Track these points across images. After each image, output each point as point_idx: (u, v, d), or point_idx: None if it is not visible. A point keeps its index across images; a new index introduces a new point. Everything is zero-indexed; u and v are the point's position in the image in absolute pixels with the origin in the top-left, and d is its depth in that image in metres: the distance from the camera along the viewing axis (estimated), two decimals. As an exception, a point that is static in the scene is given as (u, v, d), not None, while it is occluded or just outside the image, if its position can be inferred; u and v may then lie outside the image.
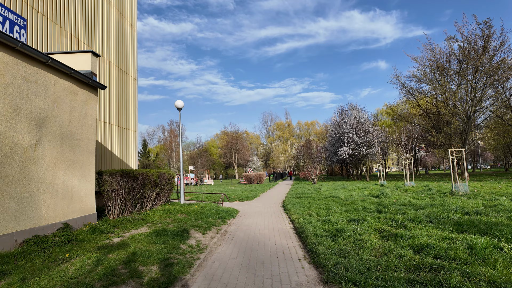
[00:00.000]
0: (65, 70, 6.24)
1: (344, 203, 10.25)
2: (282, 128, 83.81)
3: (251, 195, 16.39)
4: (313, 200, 11.65)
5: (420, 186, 16.71)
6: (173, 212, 9.63)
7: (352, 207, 9.12)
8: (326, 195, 13.27)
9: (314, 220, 7.33)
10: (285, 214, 9.62)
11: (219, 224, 8.08)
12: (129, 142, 14.77)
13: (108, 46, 12.94)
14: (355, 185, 21.06)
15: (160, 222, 7.90)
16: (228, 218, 9.08)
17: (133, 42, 15.92)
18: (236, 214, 10.01)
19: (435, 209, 7.66)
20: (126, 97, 14.69)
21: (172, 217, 8.81)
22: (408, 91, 31.78)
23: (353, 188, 17.19)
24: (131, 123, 15.11)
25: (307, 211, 9.12)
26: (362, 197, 11.98)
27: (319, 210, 8.98)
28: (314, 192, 15.03)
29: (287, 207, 10.54)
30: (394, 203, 9.62)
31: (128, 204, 8.88)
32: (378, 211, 7.86)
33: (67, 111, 6.42)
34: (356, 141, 29.52)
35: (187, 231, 6.77)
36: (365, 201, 10.61)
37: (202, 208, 10.40)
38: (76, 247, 5.21)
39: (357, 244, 4.85)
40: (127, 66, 14.94)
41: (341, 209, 8.84)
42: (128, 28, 15.28)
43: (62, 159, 6.19)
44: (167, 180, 11.31)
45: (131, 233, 6.53)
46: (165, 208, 10.45)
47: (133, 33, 16.02)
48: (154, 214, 9.18)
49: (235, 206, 12.17)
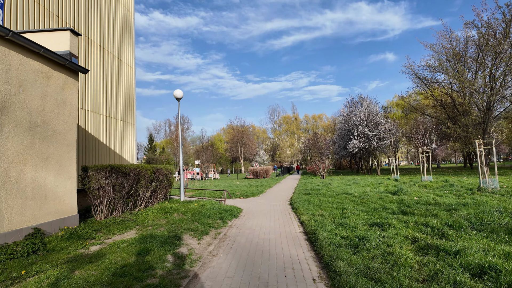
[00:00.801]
0: (33, 47, 5.26)
1: (360, 202, 9.17)
2: (289, 122, 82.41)
3: (256, 191, 15.42)
4: (324, 198, 10.59)
5: (439, 181, 15.48)
6: (169, 211, 8.71)
7: (370, 207, 8.04)
8: (338, 192, 12.19)
9: (327, 222, 6.29)
10: (293, 214, 8.60)
11: (219, 226, 7.11)
12: (126, 136, 13.89)
13: (101, 32, 11.96)
14: (367, 180, 19.90)
15: (152, 224, 6.97)
16: (230, 218, 8.11)
17: (130, 29, 14.92)
18: (239, 213, 9.04)
19: (470, 210, 6.53)
20: (123, 87, 13.76)
21: (167, 217, 7.89)
22: (422, 81, 30.21)
23: (365, 184, 16.05)
24: (128, 115, 14.20)
25: (318, 210, 8.09)
26: (378, 194, 10.87)
27: (332, 210, 7.93)
28: (324, 188, 13.95)
29: (295, 205, 9.52)
30: (417, 201, 8.51)
31: (119, 203, 7.98)
32: (403, 212, 6.75)
33: (37, 96, 5.46)
34: (366, 133, 28.18)
35: (180, 236, 5.81)
36: (383, 199, 9.51)
37: (201, 207, 9.46)
38: (41, 260, 4.29)
39: (388, 259, 3.81)
40: (123, 54, 13.97)
41: (358, 209, 7.77)
42: (125, 13, 14.27)
43: (31, 153, 5.26)
44: (165, 176, 10.39)
45: (115, 239, 5.60)
46: (161, 206, 9.54)
47: (130, 19, 15.01)
48: (148, 214, 8.27)
49: (239, 204, 11.20)
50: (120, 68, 13.62)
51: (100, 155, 11.45)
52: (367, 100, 31.32)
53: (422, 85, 30.33)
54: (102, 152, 11.68)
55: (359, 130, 28.64)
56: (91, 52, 11.17)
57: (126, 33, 14.37)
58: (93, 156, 10.99)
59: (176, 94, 12.33)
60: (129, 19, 14.97)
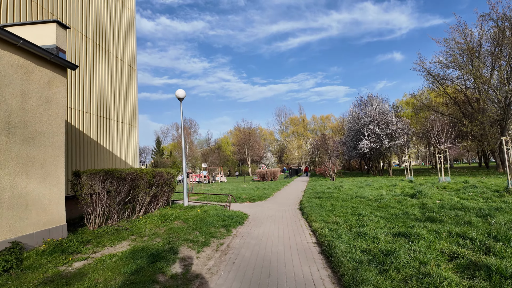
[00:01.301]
0: (10, 39, 4.71)
1: (377, 206, 8.37)
2: (296, 123, 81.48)
3: (263, 195, 14.71)
4: (337, 202, 9.82)
5: (458, 181, 14.50)
6: (170, 218, 8.08)
7: (389, 212, 7.25)
8: (351, 195, 11.38)
9: (343, 232, 5.55)
10: (303, 220, 7.87)
11: (222, 235, 6.43)
12: (128, 138, 13.38)
13: (100, 30, 11.49)
14: (379, 181, 18.97)
15: (148, 234, 6.34)
16: (234, 226, 7.42)
17: (131, 28, 14.46)
18: (245, 220, 8.35)
19: (508, 216, 5.70)
20: (124, 89, 13.28)
21: (167, 225, 7.25)
22: (434, 78, 29.08)
23: (379, 185, 15.17)
24: (130, 117, 13.70)
25: (331, 217, 7.34)
26: (396, 197, 10.04)
27: (347, 216, 7.17)
28: (335, 191, 13.15)
29: (305, 210, 8.79)
30: (441, 205, 7.67)
31: (114, 211, 7.38)
32: (429, 219, 5.95)
33: (16, 94, 4.90)
34: (377, 133, 27.19)
35: (176, 249, 5.15)
36: (402, 203, 8.69)
37: (204, 213, 8.81)
38: (12, 281, 3.68)
39: (425, 283, 3.06)
40: (124, 55, 13.50)
41: (376, 215, 6.98)
42: (125, 12, 13.82)
43: (9, 157, 4.68)
44: (166, 180, 9.79)
45: (103, 253, 4.97)
46: (162, 213, 8.93)
47: (131, 18, 14.55)
48: (147, 222, 7.66)
49: (245, 209, 10.52)
50: (121, 69, 13.15)
51: (99, 159, 10.93)
52: (377, 98, 30.32)
53: (434, 82, 29.19)
54: (102, 156, 11.17)
55: (369, 129, 27.67)
56: (89, 52, 10.69)
57: (127, 33, 13.91)
58: (91, 160, 10.48)
59: (178, 94, 11.78)
60: (130, 18, 14.52)
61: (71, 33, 9.76)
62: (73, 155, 9.38)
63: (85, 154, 10.09)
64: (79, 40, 10.17)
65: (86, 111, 10.32)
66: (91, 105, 10.60)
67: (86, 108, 10.29)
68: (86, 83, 10.40)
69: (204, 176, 40.84)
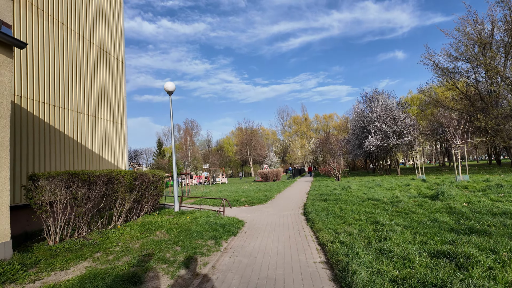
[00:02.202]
0: None
1: (395, 211, 7.11)
2: (299, 122, 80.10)
3: (264, 197, 13.48)
4: (346, 206, 8.57)
5: (478, 180, 13.16)
6: (152, 228, 6.90)
7: (413, 219, 5.99)
8: (361, 197, 10.11)
9: (360, 247, 4.32)
10: (308, 229, 6.63)
11: (208, 251, 5.22)
12: (115, 138, 12.23)
13: (81, 19, 10.38)
14: (389, 181, 17.66)
15: (117, 250, 5.15)
16: (226, 237, 6.21)
17: (118, 19, 13.34)
18: (239, 229, 7.13)
19: None
20: (110, 83, 12.15)
21: (145, 238, 6.06)
22: (443, 71, 27.67)
23: (390, 186, 13.87)
24: (117, 114, 12.56)
25: (342, 225, 6.11)
26: (414, 199, 8.76)
27: (362, 224, 5.93)
28: (343, 193, 11.87)
29: (310, 216, 7.56)
30: (474, 210, 6.41)
31: (83, 220, 6.21)
32: (471, 230, 4.67)
33: None
34: (384, 130, 25.84)
35: (142, 275, 3.94)
36: (424, 206, 7.41)
37: (194, 221, 7.61)
38: None
39: None
40: (110, 47, 12.37)
41: (398, 223, 5.72)
42: (112, 2, 12.69)
43: None
44: (151, 183, 8.60)
45: (46, 281, 3.78)
46: (146, 221, 7.75)
47: (119, 8, 13.43)
48: (123, 233, 6.48)
49: (242, 214, 9.31)
50: (106, 62, 12.02)
51: (81, 161, 9.79)
52: (383, 94, 28.96)
53: (443, 75, 27.77)
54: (84, 156, 10.03)
55: (375, 126, 26.34)
56: (65, 40, 9.56)
57: (113, 24, 12.79)
58: (73, 161, 9.35)
59: (167, 87, 10.63)
60: (118, 8, 13.40)
61: (45, 19, 8.64)
62: (42, 156, 8.23)
63: (61, 154, 8.95)
64: (54, 27, 9.04)
65: (62, 107, 9.20)
66: (68, 100, 9.47)
67: (62, 103, 9.17)
68: (62, 77, 9.28)
69: (206, 177, 39.74)
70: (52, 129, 8.85)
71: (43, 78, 8.58)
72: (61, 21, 9.40)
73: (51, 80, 8.87)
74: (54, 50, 9.10)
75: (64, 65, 9.55)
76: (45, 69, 8.70)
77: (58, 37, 9.30)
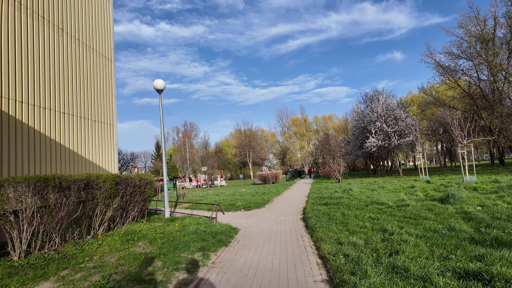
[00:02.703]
0: None
1: (403, 217, 6.45)
2: (298, 124, 79.54)
3: (261, 201, 12.81)
4: (349, 210, 7.90)
5: (486, 181, 12.51)
6: (135, 238, 6.24)
7: (425, 227, 5.33)
8: (364, 201, 9.45)
9: (368, 262, 3.67)
10: (308, 237, 5.97)
11: (194, 266, 4.56)
12: (103, 140, 11.59)
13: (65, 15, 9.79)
14: (391, 182, 17.00)
15: (89, 267, 4.48)
16: (215, 248, 5.55)
17: (106, 15, 12.74)
18: (232, 238, 6.47)
19: None
20: (98, 83, 11.54)
21: (125, 250, 5.40)
22: (445, 69, 27.11)
23: (394, 188, 13.21)
24: (106, 115, 11.92)
25: (345, 233, 5.46)
26: (421, 202, 8.10)
27: (368, 233, 5.27)
28: (345, 196, 11.20)
29: (310, 222, 6.90)
30: (492, 215, 5.76)
31: (55, 231, 5.54)
32: (498, 241, 4.00)
33: None
34: (385, 130, 25.21)
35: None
36: (434, 211, 6.75)
37: (183, 229, 6.96)
38: None
39: None
40: (98, 44, 11.76)
41: (409, 231, 5.06)
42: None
43: None
44: (137, 188, 7.94)
45: (-11, 311, 3.12)
46: (130, 229, 7.10)
47: (107, 3, 12.83)
48: (102, 244, 5.82)
49: (236, 220, 8.64)
50: (93, 60, 11.41)
51: (62, 164, 9.14)
52: (384, 93, 28.37)
53: (445, 74, 27.21)
54: (66, 160, 9.38)
55: (376, 126, 25.70)
56: (48, 37, 8.96)
57: (101, 19, 12.18)
58: (50, 165, 8.69)
59: (156, 85, 10.04)
60: (106, 4, 12.80)
61: (22, 12, 8.03)
62: (19, 159, 7.57)
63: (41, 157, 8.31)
64: (34, 22, 8.43)
65: (44, 107, 8.58)
66: (51, 99, 8.86)
67: (43, 103, 8.55)
68: (43, 74, 8.67)
69: (204, 180, 39.07)
70: (31, 131, 8.22)
71: (21, 75, 7.95)
72: (41, 15, 8.80)
73: (30, 77, 8.24)
74: (34, 45, 8.49)
75: (46, 62, 8.94)
76: (23, 66, 8.08)
77: (39, 32, 8.69)
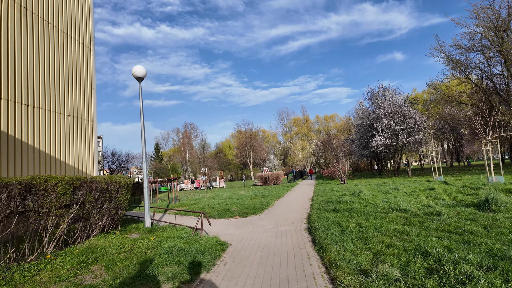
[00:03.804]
0: None
1: (441, 230, 4.95)
2: (299, 124, 78.01)
3: (259, 205, 11.33)
4: (365, 220, 6.41)
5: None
6: (91, 259, 4.79)
7: (482, 248, 3.84)
8: (382, 206, 7.94)
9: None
10: (316, 259, 4.50)
11: (152, 311, 3.10)
12: (79, 137, 10.19)
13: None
14: (403, 183, 15.47)
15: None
16: (193, 276, 4.07)
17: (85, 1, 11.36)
18: (218, 257, 4.99)
19: None
20: (75, 74, 10.18)
21: (70, 280, 3.95)
22: (455, 63, 25.56)
23: (410, 190, 11.69)
24: (83, 109, 10.53)
25: (367, 255, 3.99)
26: (453, 209, 6.60)
27: (400, 255, 3.80)
28: (356, 200, 9.69)
29: (318, 236, 5.43)
30: None
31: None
32: None
33: None
34: (393, 127, 23.70)
35: None
36: (479, 222, 5.25)
37: (157, 246, 5.50)
38: None
39: None
40: (75, 30, 10.40)
41: (465, 257, 3.55)
42: (74, -24, 10.71)
43: None
44: (106, 193, 6.49)
45: None
46: (92, 246, 5.66)
47: (85, -14, 11.44)
48: (44, 270, 4.37)
49: (229, 231, 7.17)
50: (71, 49, 10.06)
51: (24, 165, 7.73)
52: (390, 90, 26.87)
53: (456, 68, 25.67)
54: (30, 160, 7.97)
55: (383, 124, 24.18)
56: (12, 18, 7.58)
57: (78, 3, 10.81)
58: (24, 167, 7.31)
59: (135, 73, 8.63)
60: (84, -14, 11.41)
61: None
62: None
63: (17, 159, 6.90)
64: None
65: (9, 99, 7.18)
66: (17, 91, 7.49)
67: (8, 95, 7.16)
68: (6, 62, 7.29)
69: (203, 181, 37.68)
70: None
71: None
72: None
73: None
74: None
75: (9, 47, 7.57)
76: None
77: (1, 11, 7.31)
